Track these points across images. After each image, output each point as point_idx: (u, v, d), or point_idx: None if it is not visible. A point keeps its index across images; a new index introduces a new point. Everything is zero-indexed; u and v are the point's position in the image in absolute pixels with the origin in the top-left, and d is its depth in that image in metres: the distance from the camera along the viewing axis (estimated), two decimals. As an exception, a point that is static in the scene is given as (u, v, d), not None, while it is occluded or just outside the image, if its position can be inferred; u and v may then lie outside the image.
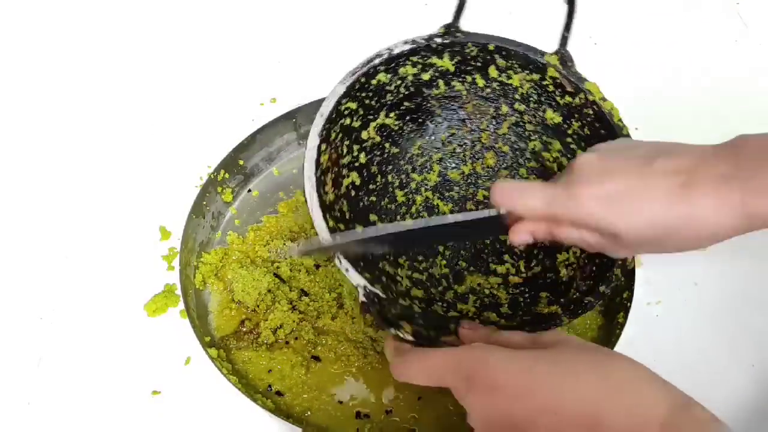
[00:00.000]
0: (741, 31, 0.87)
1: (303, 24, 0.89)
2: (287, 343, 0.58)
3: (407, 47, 0.55)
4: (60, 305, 0.61)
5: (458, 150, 0.62)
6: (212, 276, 0.62)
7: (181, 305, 0.60)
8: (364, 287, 0.45)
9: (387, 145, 0.60)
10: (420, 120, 0.61)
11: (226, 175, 0.67)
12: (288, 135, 0.71)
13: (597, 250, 0.42)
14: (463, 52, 0.56)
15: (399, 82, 0.57)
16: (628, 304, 0.56)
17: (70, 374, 0.57)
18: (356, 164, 0.58)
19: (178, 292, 0.60)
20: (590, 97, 0.52)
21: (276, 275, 0.61)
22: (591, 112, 0.52)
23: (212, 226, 0.66)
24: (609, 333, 0.57)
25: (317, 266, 0.62)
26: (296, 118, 0.70)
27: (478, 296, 0.57)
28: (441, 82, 0.58)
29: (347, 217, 0.55)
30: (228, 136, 0.68)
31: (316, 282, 0.61)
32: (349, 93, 0.55)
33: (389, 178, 0.61)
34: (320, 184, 0.53)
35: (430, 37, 0.55)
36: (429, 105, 0.60)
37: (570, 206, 0.40)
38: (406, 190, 0.62)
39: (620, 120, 0.51)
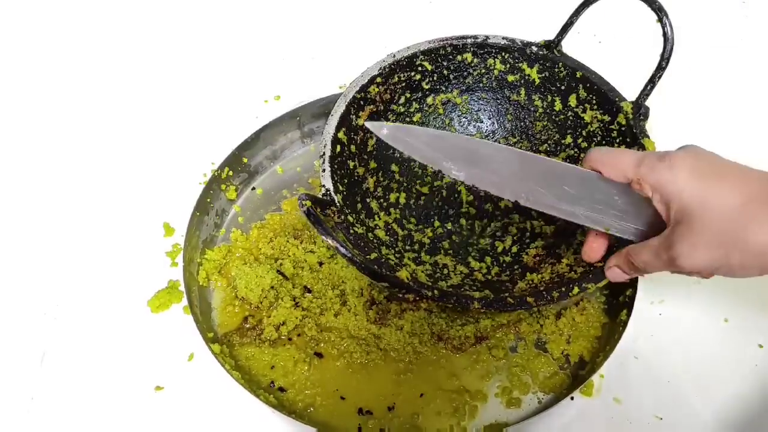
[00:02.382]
0: (746, 29, 0.87)
1: (307, 22, 0.89)
2: (290, 339, 0.58)
3: (502, 41, 0.56)
4: (64, 301, 0.62)
5: None
6: (216, 273, 0.62)
7: (185, 301, 0.60)
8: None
9: (446, 121, 0.60)
10: (487, 116, 0.61)
11: (230, 173, 0.67)
12: (292, 133, 0.71)
13: (664, 268, 0.43)
14: (553, 71, 0.57)
15: (483, 70, 0.58)
16: (632, 302, 0.56)
17: (73, 370, 0.57)
18: (406, 119, 0.59)
19: (182, 288, 0.60)
20: None
21: (279, 272, 0.61)
22: None
23: (216, 224, 0.66)
24: (612, 331, 0.57)
25: (320, 263, 0.62)
26: (300, 116, 0.71)
27: (435, 270, 0.58)
28: (523, 91, 0.59)
29: (367, 149, 0.58)
30: (232, 133, 0.68)
31: (319, 279, 0.61)
32: (430, 54, 0.56)
33: None
34: (356, 104, 0.55)
35: (528, 44, 0.57)
36: (503, 107, 0.61)
37: (659, 169, 0.41)
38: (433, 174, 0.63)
39: None
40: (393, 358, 0.57)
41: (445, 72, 0.58)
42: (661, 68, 0.51)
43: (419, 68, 0.57)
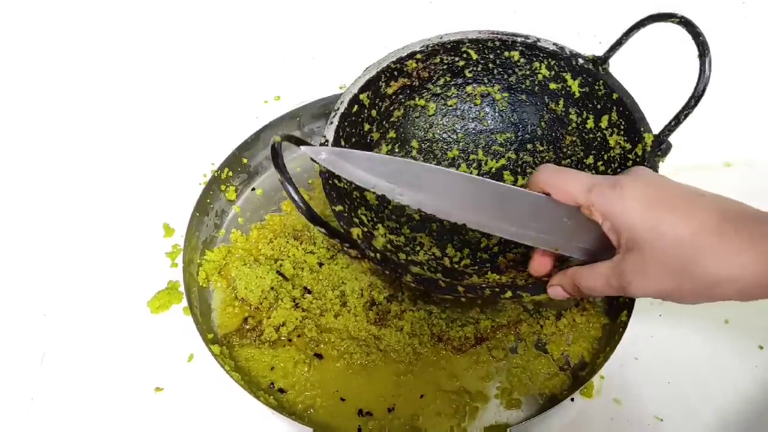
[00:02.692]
0: (746, 31, 0.87)
1: (307, 22, 0.89)
2: (290, 340, 0.58)
3: (551, 47, 0.56)
4: (63, 302, 0.62)
5: (524, 159, 0.63)
6: (215, 273, 0.62)
7: (185, 302, 0.60)
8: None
9: (481, 114, 0.61)
10: (522, 118, 0.62)
11: (230, 173, 0.67)
12: (292, 133, 0.71)
13: (614, 292, 0.43)
14: (593, 87, 0.56)
15: (528, 72, 0.58)
16: (632, 303, 0.56)
17: (73, 370, 0.57)
18: (441, 100, 0.60)
19: (182, 289, 0.60)
20: None
21: (279, 273, 0.61)
22: None
23: (216, 224, 0.66)
24: (612, 332, 0.57)
25: (320, 264, 0.62)
26: (300, 117, 0.70)
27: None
28: (562, 102, 0.59)
29: (390, 119, 0.59)
30: (232, 134, 0.68)
31: (319, 280, 0.61)
32: (478, 44, 0.56)
33: (454, 135, 0.63)
34: (389, 74, 0.56)
35: (575, 55, 0.56)
36: (540, 113, 0.61)
37: (610, 197, 0.41)
38: (447, 155, 0.63)
39: None
40: (393, 359, 0.57)
41: (490, 65, 0.58)
42: (689, 106, 0.50)
43: (464, 55, 0.57)
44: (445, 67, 0.58)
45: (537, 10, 0.90)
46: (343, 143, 0.54)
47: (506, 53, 0.57)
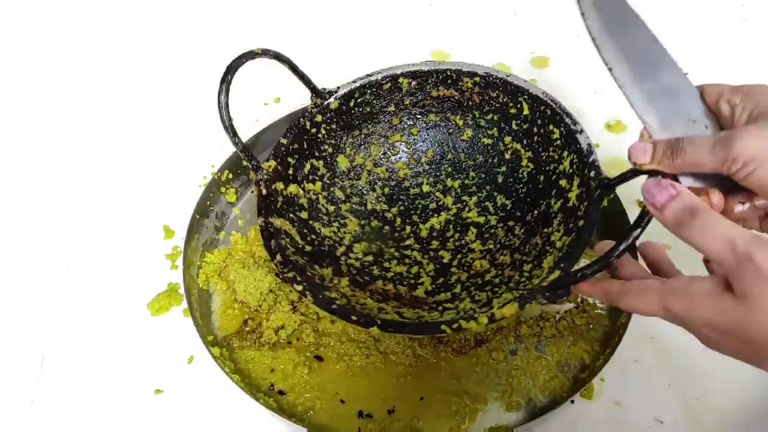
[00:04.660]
0: (745, 32, 0.87)
1: (307, 24, 0.89)
2: (290, 342, 0.58)
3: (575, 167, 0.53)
4: (63, 304, 0.62)
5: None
6: (215, 276, 0.62)
7: (185, 304, 0.60)
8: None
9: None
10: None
11: (230, 176, 0.67)
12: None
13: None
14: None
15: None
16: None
17: (73, 373, 0.57)
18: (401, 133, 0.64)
19: (182, 291, 0.60)
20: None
21: (277, 275, 0.61)
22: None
23: (216, 226, 0.66)
24: (612, 334, 0.57)
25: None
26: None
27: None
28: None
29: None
30: (232, 136, 0.68)
31: None
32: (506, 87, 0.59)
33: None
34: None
35: (595, 166, 0.51)
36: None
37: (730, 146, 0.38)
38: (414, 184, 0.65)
39: None
40: (393, 361, 0.57)
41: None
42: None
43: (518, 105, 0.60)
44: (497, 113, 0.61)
45: (537, 12, 0.91)
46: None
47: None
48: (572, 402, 0.55)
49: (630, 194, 0.69)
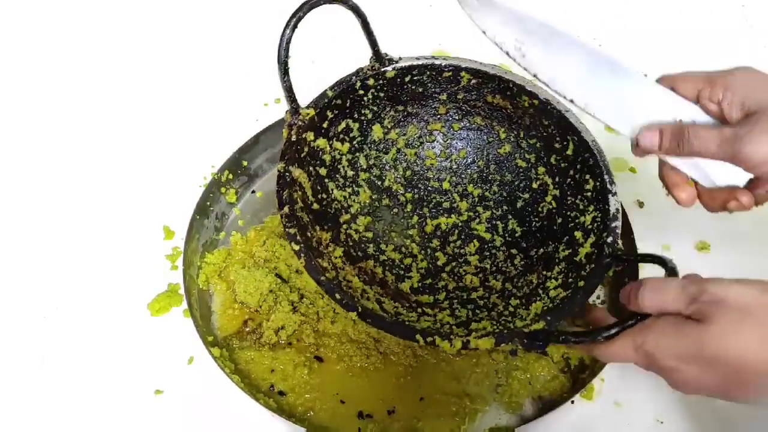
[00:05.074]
0: (746, 33, 0.87)
1: (307, 25, 0.89)
2: (290, 343, 0.58)
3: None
4: (63, 304, 0.62)
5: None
6: (215, 276, 0.62)
7: (185, 305, 0.60)
8: None
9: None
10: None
11: (230, 176, 0.67)
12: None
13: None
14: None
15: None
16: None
17: (73, 373, 0.57)
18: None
19: (182, 291, 0.60)
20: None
21: (277, 275, 0.61)
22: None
23: (216, 227, 0.66)
24: (612, 335, 0.57)
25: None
26: (300, 119, 0.70)
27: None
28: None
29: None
30: (232, 136, 0.68)
31: (309, 282, 0.61)
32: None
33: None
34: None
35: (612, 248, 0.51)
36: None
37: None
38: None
39: None
40: (393, 361, 0.57)
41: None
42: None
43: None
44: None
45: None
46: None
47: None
48: (572, 402, 0.55)
49: (629, 195, 0.69)
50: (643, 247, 0.61)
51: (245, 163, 0.68)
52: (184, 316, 0.60)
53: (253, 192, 0.70)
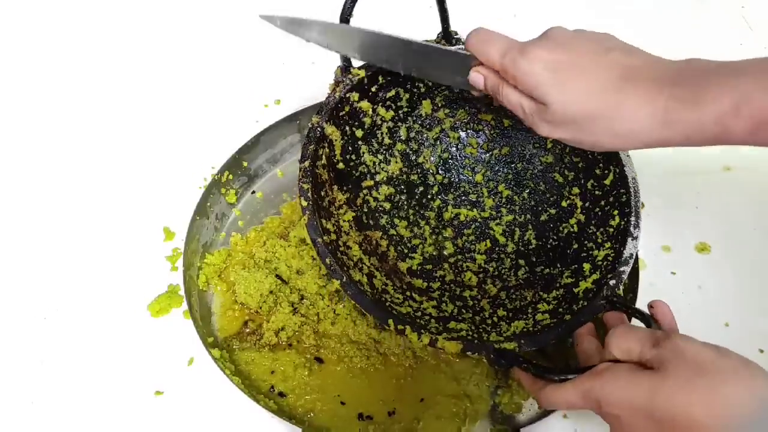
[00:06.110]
0: (746, 35, 0.87)
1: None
2: (290, 344, 0.58)
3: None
4: (63, 305, 0.61)
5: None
6: (215, 277, 0.62)
7: (185, 306, 0.60)
8: None
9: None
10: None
11: (230, 177, 0.67)
12: (291, 137, 0.72)
13: (526, 122, 0.46)
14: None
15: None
16: (633, 306, 0.56)
17: (73, 374, 0.57)
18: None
19: (182, 292, 0.60)
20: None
21: (278, 276, 0.61)
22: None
23: (216, 228, 0.66)
24: (612, 336, 0.57)
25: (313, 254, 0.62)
26: (300, 120, 0.71)
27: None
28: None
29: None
30: (232, 137, 0.68)
31: (309, 283, 0.61)
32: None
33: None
34: None
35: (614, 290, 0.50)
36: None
37: (519, 62, 0.43)
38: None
39: None
40: (393, 362, 0.57)
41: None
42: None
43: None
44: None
45: (537, 14, 0.91)
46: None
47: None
48: (573, 403, 0.55)
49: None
50: (643, 248, 0.61)
51: (245, 164, 0.68)
52: (184, 317, 0.60)
53: (253, 193, 0.70)
